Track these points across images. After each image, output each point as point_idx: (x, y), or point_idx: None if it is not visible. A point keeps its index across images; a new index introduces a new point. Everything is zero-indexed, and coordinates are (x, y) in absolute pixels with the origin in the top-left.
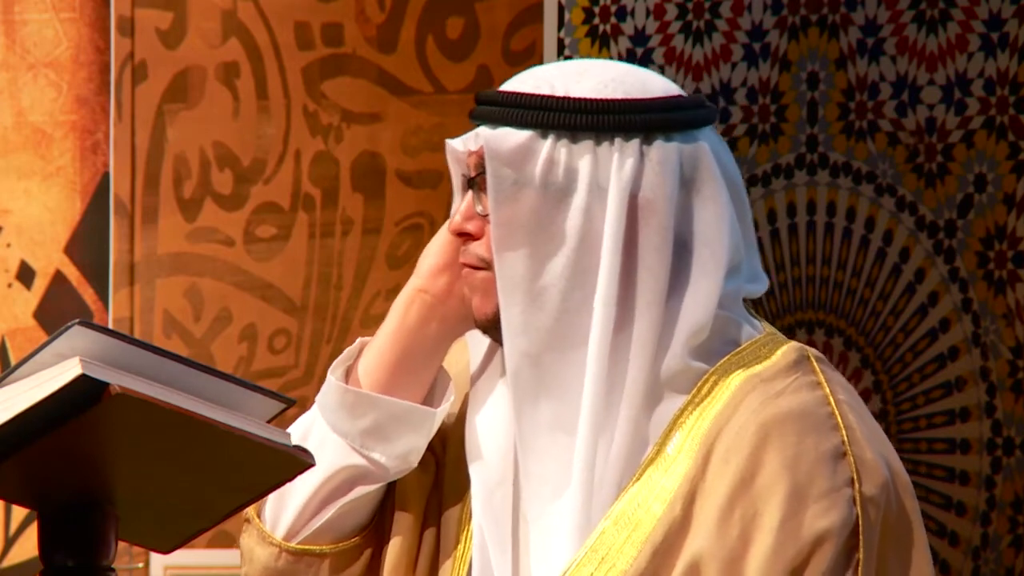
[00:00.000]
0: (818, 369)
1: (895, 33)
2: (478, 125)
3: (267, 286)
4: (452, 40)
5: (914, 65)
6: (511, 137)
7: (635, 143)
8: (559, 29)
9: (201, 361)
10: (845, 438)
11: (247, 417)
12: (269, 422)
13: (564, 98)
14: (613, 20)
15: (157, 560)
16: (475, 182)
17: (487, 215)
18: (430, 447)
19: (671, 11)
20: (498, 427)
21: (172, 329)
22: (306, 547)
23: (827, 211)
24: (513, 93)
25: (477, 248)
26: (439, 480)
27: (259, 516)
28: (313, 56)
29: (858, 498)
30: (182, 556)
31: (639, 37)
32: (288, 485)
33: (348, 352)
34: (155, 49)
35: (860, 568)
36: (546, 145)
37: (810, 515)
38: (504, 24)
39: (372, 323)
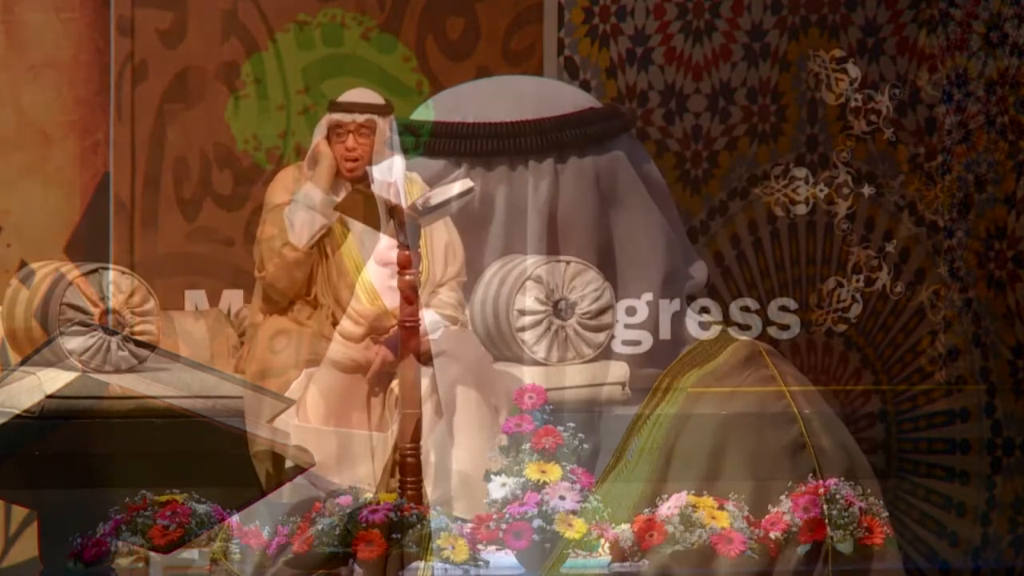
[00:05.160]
0: (771, 363)
1: (894, 33)
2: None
3: (267, 286)
4: (452, 40)
5: (914, 65)
6: (427, 167)
7: (549, 163)
8: (559, 29)
9: (201, 361)
10: (803, 429)
11: (248, 417)
12: (269, 422)
13: (475, 124)
14: (613, 20)
15: (157, 560)
16: (396, 210)
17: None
18: None
19: (671, 11)
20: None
21: (172, 329)
22: None
23: (827, 211)
24: (424, 122)
25: (407, 276)
26: None
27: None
28: (313, 56)
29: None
30: (182, 556)
31: (639, 37)
32: None
33: None
34: (155, 49)
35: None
36: (459, 174)
37: (776, 509)
38: (504, 24)
39: None
